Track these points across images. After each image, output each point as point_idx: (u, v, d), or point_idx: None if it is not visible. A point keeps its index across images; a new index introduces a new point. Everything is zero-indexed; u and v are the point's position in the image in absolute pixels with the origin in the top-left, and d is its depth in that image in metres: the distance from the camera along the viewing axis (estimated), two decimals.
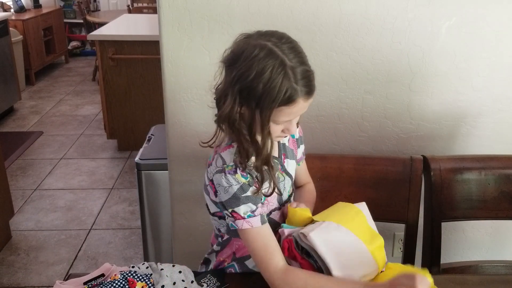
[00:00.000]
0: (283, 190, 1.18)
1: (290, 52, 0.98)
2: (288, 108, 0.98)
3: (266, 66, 0.95)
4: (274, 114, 0.99)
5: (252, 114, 0.99)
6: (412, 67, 1.63)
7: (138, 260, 2.49)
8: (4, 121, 4.42)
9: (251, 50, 0.97)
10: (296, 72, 0.97)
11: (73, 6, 6.78)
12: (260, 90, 0.95)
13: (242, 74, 0.97)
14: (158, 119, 2.32)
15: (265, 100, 0.96)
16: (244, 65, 0.97)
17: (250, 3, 1.54)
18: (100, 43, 3.44)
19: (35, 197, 3.14)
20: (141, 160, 1.99)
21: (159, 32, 1.59)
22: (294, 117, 1.03)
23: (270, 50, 0.96)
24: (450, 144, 1.75)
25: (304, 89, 0.98)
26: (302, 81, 0.97)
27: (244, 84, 0.97)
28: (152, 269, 1.13)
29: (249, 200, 1.05)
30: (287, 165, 1.19)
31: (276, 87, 0.95)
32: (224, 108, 1.01)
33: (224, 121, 1.03)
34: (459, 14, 1.57)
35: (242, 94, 0.98)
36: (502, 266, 1.57)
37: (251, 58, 0.96)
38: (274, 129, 1.03)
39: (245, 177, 1.05)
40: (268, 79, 0.95)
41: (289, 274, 1.03)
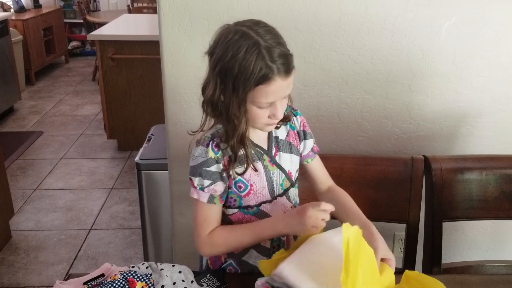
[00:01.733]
0: (274, 183, 1.18)
1: (265, 34, 1.01)
2: (265, 87, 0.99)
3: (240, 47, 0.99)
4: (253, 95, 1.01)
5: (230, 95, 1.02)
6: (412, 67, 1.63)
7: (138, 260, 2.49)
8: (4, 121, 4.42)
9: (227, 34, 1.02)
10: (271, 51, 0.99)
11: (73, 6, 6.78)
12: (235, 70, 0.99)
13: (220, 57, 1.01)
14: (158, 119, 2.32)
15: (241, 79, 0.99)
16: (221, 49, 1.01)
17: (250, 3, 1.54)
18: (100, 43, 3.44)
19: (35, 197, 3.14)
20: (141, 160, 1.99)
21: (159, 32, 1.59)
22: (274, 98, 1.03)
23: (245, 32, 1.00)
24: (450, 144, 1.74)
25: (280, 67, 0.99)
26: (278, 60, 0.99)
27: (222, 66, 1.01)
28: (152, 269, 1.13)
29: (207, 175, 1.10)
30: (280, 158, 1.18)
31: (251, 66, 0.98)
32: (207, 92, 1.06)
33: (208, 105, 1.07)
34: (459, 14, 1.57)
35: (221, 76, 1.02)
36: (503, 266, 1.57)
37: (227, 41, 1.01)
38: (260, 114, 1.05)
39: (216, 153, 1.10)
40: (242, 58, 0.98)
41: (212, 234, 1.14)
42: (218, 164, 1.10)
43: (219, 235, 1.15)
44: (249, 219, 1.19)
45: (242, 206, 1.18)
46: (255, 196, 1.17)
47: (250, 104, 1.03)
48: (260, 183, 1.16)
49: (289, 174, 1.21)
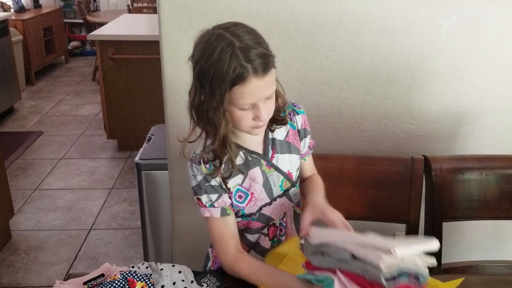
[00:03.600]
0: (272, 185, 1.17)
1: (244, 34, 1.00)
2: (241, 87, 0.98)
3: (215, 48, 0.98)
4: (231, 97, 0.99)
5: (209, 98, 1.01)
6: (412, 67, 1.63)
7: (138, 260, 2.49)
8: (4, 121, 4.42)
9: (204, 37, 1.02)
10: (247, 51, 0.97)
11: (73, 6, 6.78)
12: (211, 72, 0.98)
13: (198, 60, 1.01)
14: (158, 119, 2.32)
15: (216, 81, 0.98)
16: (198, 52, 1.01)
17: (250, 3, 1.54)
18: (100, 43, 3.44)
19: (35, 197, 3.14)
20: (141, 160, 1.99)
21: (159, 32, 1.59)
22: (253, 99, 1.00)
23: (220, 34, 0.99)
24: (450, 144, 1.74)
25: (257, 67, 0.97)
26: (255, 59, 0.97)
27: (199, 68, 1.00)
28: (152, 269, 1.13)
29: (211, 190, 1.10)
30: (277, 160, 1.17)
31: (225, 67, 0.96)
32: (190, 96, 1.06)
33: (191, 109, 1.07)
34: (459, 14, 1.56)
35: (199, 79, 1.01)
36: (503, 266, 1.57)
37: (203, 43, 1.01)
38: (242, 116, 1.03)
39: (208, 169, 1.10)
40: (217, 60, 0.97)
41: (236, 262, 1.12)
42: (215, 178, 1.10)
43: (244, 268, 1.11)
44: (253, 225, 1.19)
45: (245, 215, 1.18)
46: (256, 202, 1.17)
47: (231, 107, 1.01)
48: (258, 189, 1.16)
49: (289, 174, 1.20)
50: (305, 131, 1.24)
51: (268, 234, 1.22)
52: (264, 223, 1.20)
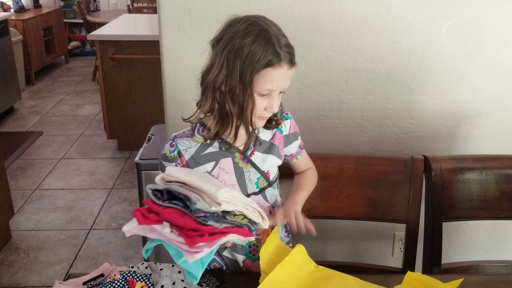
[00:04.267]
0: (247, 181, 1.19)
1: (273, 25, 1.07)
2: (272, 70, 1.02)
3: (251, 31, 1.03)
4: (258, 80, 1.03)
5: (236, 78, 1.04)
6: (412, 67, 1.63)
7: (138, 260, 2.49)
8: (4, 121, 4.42)
9: (236, 22, 1.07)
10: (279, 40, 1.04)
11: (73, 6, 6.78)
12: (245, 52, 1.02)
13: (229, 40, 1.04)
14: (158, 119, 2.32)
15: (250, 61, 1.02)
16: (230, 33, 1.05)
17: (250, 3, 1.54)
18: (100, 43, 3.44)
19: (35, 197, 3.14)
20: (141, 160, 1.99)
21: (159, 32, 1.59)
22: (276, 86, 1.06)
23: (254, 21, 1.06)
24: (450, 144, 1.74)
25: (287, 56, 1.04)
26: (285, 48, 1.04)
27: (230, 48, 1.03)
28: (151, 269, 1.13)
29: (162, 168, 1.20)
30: (256, 157, 1.19)
31: (260, 49, 1.01)
32: (210, 75, 1.07)
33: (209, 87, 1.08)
34: (459, 14, 1.56)
35: (228, 58, 1.04)
36: (503, 266, 1.57)
37: (238, 26, 1.05)
38: (257, 103, 1.07)
39: (171, 151, 1.18)
40: (252, 42, 1.02)
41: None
42: (171, 162, 1.18)
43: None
44: None
45: None
46: None
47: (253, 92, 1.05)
48: (229, 180, 1.18)
49: (267, 174, 1.21)
50: (294, 134, 1.27)
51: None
52: None
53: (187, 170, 1.14)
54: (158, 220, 0.99)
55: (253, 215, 1.03)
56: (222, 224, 0.97)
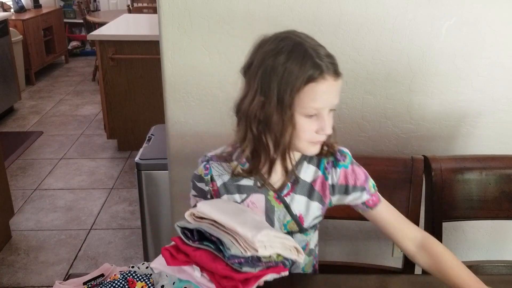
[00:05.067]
0: (276, 221, 1.09)
1: (306, 37, 0.96)
2: (315, 85, 0.91)
3: (283, 48, 0.92)
4: (300, 100, 0.92)
5: (273, 102, 0.93)
6: (412, 67, 1.63)
7: (138, 260, 2.49)
8: (4, 121, 4.42)
9: (267, 40, 0.97)
10: (318, 51, 0.93)
11: (73, 6, 6.78)
12: (280, 72, 0.91)
13: (262, 61, 0.94)
14: (158, 119, 2.32)
15: (288, 81, 0.91)
16: (261, 55, 0.95)
17: (250, 3, 1.54)
18: (100, 43, 3.44)
19: (35, 197, 3.14)
20: (141, 160, 1.99)
21: (159, 32, 1.59)
22: (323, 103, 0.93)
23: (285, 36, 0.96)
24: (450, 144, 1.74)
25: (330, 66, 0.92)
26: (326, 59, 0.93)
27: (264, 69, 0.93)
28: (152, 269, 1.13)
29: (195, 187, 1.12)
30: (292, 199, 1.08)
31: (297, 64, 0.90)
32: (245, 104, 0.97)
33: (243, 117, 0.98)
34: (459, 14, 1.56)
35: (263, 82, 0.93)
36: (503, 266, 1.57)
37: (267, 45, 0.95)
38: (306, 126, 0.95)
39: (205, 174, 1.09)
40: (287, 58, 0.91)
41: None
42: (205, 184, 1.10)
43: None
44: None
45: None
46: None
47: (296, 113, 0.94)
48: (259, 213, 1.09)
49: (300, 219, 1.09)
50: (347, 188, 1.10)
51: None
52: None
53: (220, 205, 1.04)
54: (187, 261, 0.94)
55: (290, 253, 0.96)
56: (257, 268, 0.91)
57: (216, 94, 1.65)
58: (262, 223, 1.01)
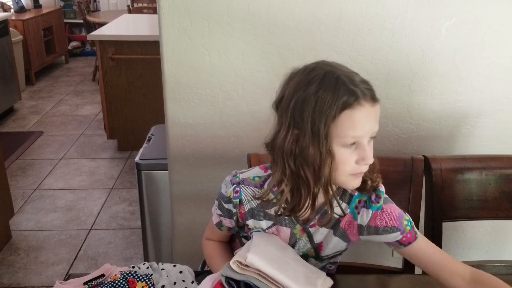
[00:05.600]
0: (297, 249, 1.07)
1: (338, 65, 0.94)
2: (351, 112, 0.87)
3: (315, 76, 0.90)
4: (337, 129, 0.88)
5: (308, 135, 0.89)
6: (412, 67, 1.63)
7: (138, 260, 2.49)
8: (4, 121, 4.42)
9: (296, 72, 0.94)
10: (351, 77, 0.90)
11: (73, 6, 6.78)
12: (313, 102, 0.87)
13: (293, 93, 0.91)
14: (158, 119, 2.32)
15: (321, 110, 0.87)
16: (292, 87, 0.92)
17: (250, 3, 1.54)
18: (100, 43, 3.44)
19: (35, 197, 3.14)
20: (141, 160, 1.99)
21: (159, 32, 1.59)
22: (362, 131, 0.90)
23: (315, 66, 0.93)
24: (450, 144, 1.74)
25: (367, 92, 0.89)
26: (361, 85, 0.89)
27: (295, 101, 0.90)
28: (152, 269, 1.13)
29: (221, 207, 1.09)
30: (316, 231, 1.06)
31: (331, 91, 0.87)
32: (279, 138, 0.93)
33: (278, 153, 0.94)
34: (459, 14, 1.56)
35: (295, 115, 0.90)
36: (503, 266, 1.57)
37: (297, 77, 0.93)
38: (345, 156, 0.90)
39: (234, 198, 1.05)
40: (319, 86, 0.88)
41: (205, 244, 1.21)
42: (232, 206, 1.06)
43: (208, 249, 1.20)
44: None
45: None
46: None
47: (333, 144, 0.89)
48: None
49: (319, 247, 1.07)
50: (376, 229, 1.04)
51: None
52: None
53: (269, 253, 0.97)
54: None
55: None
56: None
57: (216, 94, 1.65)
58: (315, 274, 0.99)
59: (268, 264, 0.93)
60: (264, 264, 0.92)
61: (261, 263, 0.92)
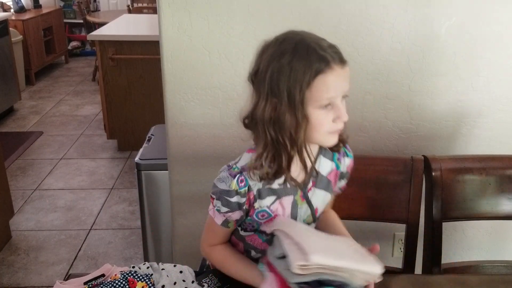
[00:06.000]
0: (298, 218, 1.11)
1: (306, 33, 0.99)
2: (325, 76, 0.94)
3: (286, 47, 0.95)
4: (312, 94, 0.94)
5: (285, 103, 0.95)
6: (412, 67, 1.63)
7: (138, 260, 2.49)
8: (4, 121, 4.42)
9: (268, 45, 0.99)
10: (320, 43, 0.96)
11: (73, 6, 6.78)
12: (287, 71, 0.93)
13: (267, 65, 0.96)
14: (158, 119, 2.32)
15: (296, 78, 0.93)
16: (266, 59, 0.97)
17: (250, 3, 1.54)
18: (100, 43, 3.44)
19: (35, 197, 3.14)
20: (141, 160, 1.99)
21: (159, 32, 1.59)
22: (335, 92, 0.96)
23: (286, 37, 0.98)
24: (450, 144, 1.74)
25: (335, 55, 0.96)
26: (329, 49, 0.96)
27: (271, 72, 0.95)
28: (153, 269, 1.13)
29: (226, 204, 1.05)
30: (313, 194, 1.11)
31: (303, 59, 0.93)
32: (258, 109, 0.98)
33: (260, 123, 0.99)
34: (459, 14, 1.57)
35: (272, 85, 0.95)
36: (503, 266, 1.57)
37: (270, 49, 0.97)
38: (322, 117, 0.97)
39: (240, 187, 1.04)
40: (292, 56, 0.94)
41: (213, 250, 1.15)
42: (241, 197, 1.05)
43: (217, 256, 1.15)
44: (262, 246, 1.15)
45: (259, 230, 1.13)
46: None
47: (310, 108, 0.96)
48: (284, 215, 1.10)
49: (316, 211, 1.14)
50: (346, 174, 1.21)
51: None
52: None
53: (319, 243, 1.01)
54: None
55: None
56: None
57: (216, 94, 1.65)
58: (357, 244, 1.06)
59: (329, 255, 0.95)
60: (327, 257, 0.94)
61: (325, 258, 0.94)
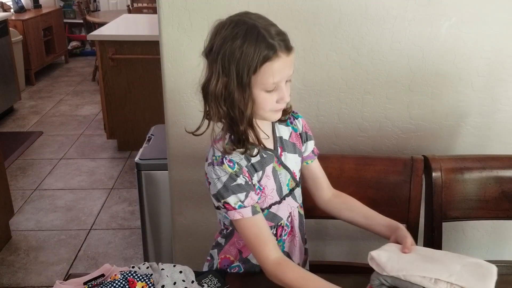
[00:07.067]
0: (282, 184, 1.19)
1: (258, 18, 1.06)
2: (271, 64, 1.01)
3: (239, 32, 1.02)
4: (259, 78, 1.02)
5: (234, 82, 1.03)
6: (412, 67, 1.63)
7: (138, 260, 2.49)
8: (4, 121, 4.42)
9: (223, 25, 1.06)
10: (269, 31, 1.02)
11: (73, 6, 6.77)
12: (237, 54, 1.01)
13: (220, 46, 1.03)
14: (158, 119, 2.32)
15: (245, 62, 1.00)
16: (220, 39, 1.04)
17: (250, 3, 1.54)
18: (100, 43, 3.44)
19: (35, 197, 3.14)
20: (141, 160, 1.99)
21: (159, 32, 1.59)
22: (280, 77, 1.04)
23: (239, 20, 1.05)
24: (450, 144, 1.74)
25: (282, 44, 1.02)
26: (277, 37, 1.02)
27: (223, 54, 1.02)
28: (152, 269, 1.13)
29: (239, 189, 1.07)
30: (285, 158, 1.19)
31: (253, 46, 1.00)
32: (211, 86, 1.05)
33: (212, 98, 1.06)
34: (459, 14, 1.56)
35: (223, 64, 1.03)
36: (503, 266, 1.56)
37: (224, 30, 1.04)
38: (267, 98, 1.05)
39: (232, 167, 1.08)
40: (243, 42, 1.01)
41: (280, 268, 1.06)
42: (240, 177, 1.08)
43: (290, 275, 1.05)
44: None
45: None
46: (266, 199, 1.16)
47: (256, 90, 1.04)
48: (270, 185, 1.16)
49: (294, 174, 1.21)
50: (306, 134, 1.27)
51: (276, 234, 1.21)
52: (274, 223, 1.20)
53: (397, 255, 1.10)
54: None
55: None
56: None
57: None
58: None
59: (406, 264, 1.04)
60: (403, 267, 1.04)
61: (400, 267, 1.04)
